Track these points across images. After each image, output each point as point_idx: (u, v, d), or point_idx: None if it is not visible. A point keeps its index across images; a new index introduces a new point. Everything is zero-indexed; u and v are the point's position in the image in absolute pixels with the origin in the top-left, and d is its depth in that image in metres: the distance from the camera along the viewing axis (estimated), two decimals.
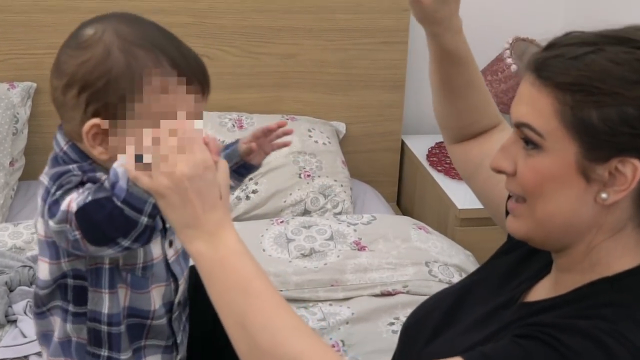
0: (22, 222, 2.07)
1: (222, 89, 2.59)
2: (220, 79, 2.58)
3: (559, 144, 0.94)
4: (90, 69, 1.01)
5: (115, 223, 0.96)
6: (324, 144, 2.53)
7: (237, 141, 1.33)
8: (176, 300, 1.19)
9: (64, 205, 0.98)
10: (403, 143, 2.83)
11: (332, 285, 1.93)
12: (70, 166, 1.06)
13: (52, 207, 1.00)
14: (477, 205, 2.36)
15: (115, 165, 0.97)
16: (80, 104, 1.02)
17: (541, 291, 1.08)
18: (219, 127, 2.49)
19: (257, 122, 2.53)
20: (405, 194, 2.88)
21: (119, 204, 0.95)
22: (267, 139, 1.31)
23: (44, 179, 1.05)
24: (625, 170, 0.92)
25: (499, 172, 1.03)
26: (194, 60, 1.07)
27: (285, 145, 1.33)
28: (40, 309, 1.15)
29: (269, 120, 2.52)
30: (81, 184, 1.02)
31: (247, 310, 0.92)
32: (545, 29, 2.80)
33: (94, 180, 1.02)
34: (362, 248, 2.07)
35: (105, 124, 1.02)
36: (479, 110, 1.33)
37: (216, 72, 2.65)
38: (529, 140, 0.97)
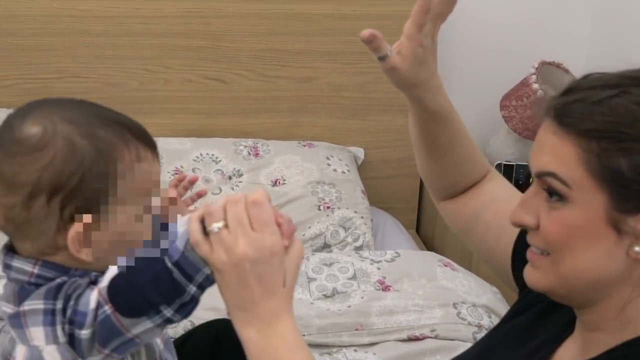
0: None
1: (237, 114, 2.51)
2: (236, 104, 2.51)
3: (586, 194, 0.88)
4: (59, 169, 0.90)
5: (161, 286, 0.86)
6: (343, 172, 2.45)
7: None
8: None
9: (92, 304, 0.88)
10: None
11: (356, 329, 1.85)
12: (58, 279, 0.93)
13: (75, 318, 0.89)
14: None
15: (178, 223, 0.89)
16: (54, 211, 0.91)
17: (567, 354, 0.99)
18: (234, 154, 2.41)
19: (274, 149, 2.45)
20: (426, 222, 2.80)
21: (169, 264, 0.86)
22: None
23: (34, 304, 0.91)
24: None
25: (521, 227, 0.96)
26: (141, 126, 0.99)
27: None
28: None
29: (285, 147, 2.47)
30: (92, 283, 0.92)
31: None
32: (570, 52, 2.76)
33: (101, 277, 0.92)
34: (386, 288, 1.98)
35: (88, 219, 0.92)
36: (466, 164, 1.27)
37: (231, 96, 2.62)
38: (553, 192, 0.90)
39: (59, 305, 0.90)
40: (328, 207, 2.34)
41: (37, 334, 0.91)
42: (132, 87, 2.45)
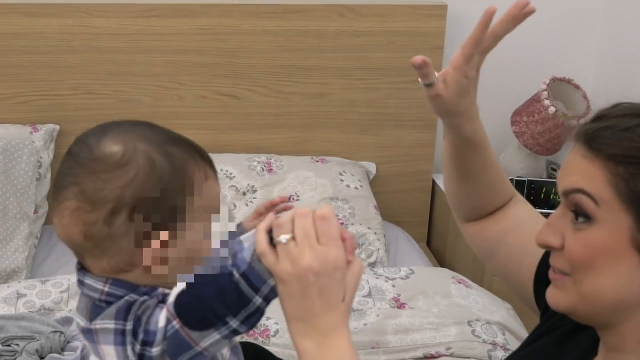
0: (50, 279, 2.00)
1: (251, 129, 2.53)
2: (249, 120, 2.53)
3: (613, 215, 0.90)
4: (141, 185, 0.93)
5: (227, 298, 0.88)
6: (356, 188, 2.47)
7: (240, 224, 1.26)
8: None
9: (162, 322, 0.90)
10: (434, 183, 2.77)
11: (373, 348, 1.86)
12: (127, 297, 0.96)
13: (147, 339, 0.91)
14: None
15: (243, 237, 0.91)
16: (134, 227, 0.93)
17: None
18: (248, 170, 2.42)
19: (287, 164, 2.46)
20: (437, 236, 2.81)
21: (236, 276, 0.88)
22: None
23: (105, 324, 0.95)
24: None
25: (546, 247, 0.98)
26: (200, 146, 1.03)
27: None
28: None
29: (298, 163, 2.48)
30: (161, 302, 0.94)
31: None
32: (581, 69, 2.77)
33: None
34: (401, 306, 2.00)
35: (165, 236, 0.94)
36: (494, 190, 1.29)
37: (245, 112, 2.64)
38: (581, 212, 0.92)
39: (129, 326, 0.92)
40: (342, 224, 2.35)
41: (109, 351, 0.94)
42: (147, 104, 2.46)
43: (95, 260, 0.98)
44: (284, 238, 0.87)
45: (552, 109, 2.43)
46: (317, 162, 2.52)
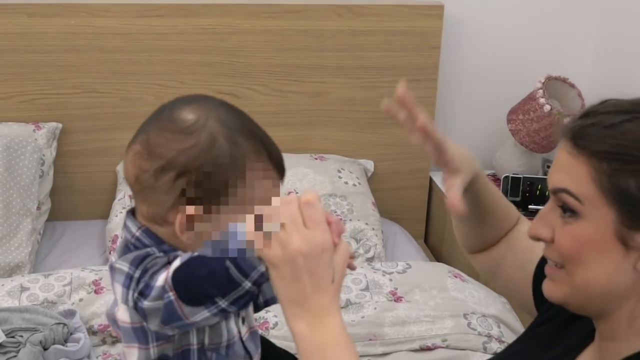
0: (53, 273, 2.03)
1: None
2: None
3: (597, 210, 0.93)
4: (195, 156, 0.99)
5: (217, 281, 0.93)
6: (354, 185, 2.50)
7: None
8: None
9: (160, 282, 0.96)
10: (431, 180, 2.80)
11: (370, 340, 1.90)
12: (149, 249, 1.03)
13: (145, 291, 0.98)
14: None
15: (232, 225, 0.95)
16: (176, 189, 1.00)
17: None
18: None
19: (286, 162, 2.47)
20: (434, 232, 2.85)
21: (226, 262, 0.93)
22: None
23: (122, 265, 1.02)
24: None
25: (537, 239, 1.01)
26: (278, 150, 1.08)
27: None
28: None
29: (297, 160, 2.51)
30: (169, 263, 0.99)
31: None
32: (575, 67, 2.81)
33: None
34: (398, 299, 2.03)
35: (199, 210, 1.00)
36: (502, 223, 1.31)
37: (244, 110, 2.64)
38: (567, 207, 0.96)
39: (137, 274, 0.99)
40: (340, 219, 2.37)
41: (118, 290, 1.03)
42: (148, 102, 2.49)
43: (139, 203, 1.06)
44: (271, 225, 0.91)
45: (547, 107, 2.46)
46: (316, 159, 2.55)
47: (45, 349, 1.74)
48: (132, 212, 1.09)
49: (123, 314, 1.04)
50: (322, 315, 0.91)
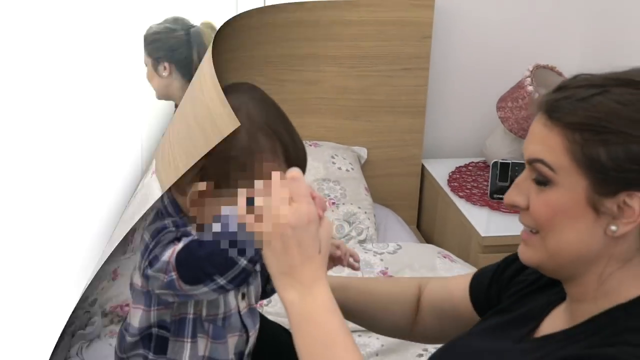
0: None
1: None
2: None
3: (570, 178, 0.99)
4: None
5: (215, 261, 1.01)
6: (347, 170, 2.57)
7: None
8: (246, 351, 1.25)
9: (165, 257, 1.04)
10: (423, 167, 2.87)
11: None
12: (166, 221, 1.12)
13: (153, 261, 1.06)
14: (500, 232, 2.41)
15: (226, 208, 1.01)
16: (199, 164, 1.06)
17: (555, 322, 1.11)
18: None
19: None
20: (426, 218, 2.92)
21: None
22: None
23: (146, 234, 1.11)
24: (633, 204, 0.96)
25: (513, 206, 1.07)
26: (302, 150, 1.12)
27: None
28: (123, 355, 1.21)
29: None
30: (177, 239, 1.07)
31: None
32: (564, 56, 2.86)
33: (187, 236, 1.08)
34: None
35: (210, 186, 1.07)
36: (402, 311, 1.39)
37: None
38: (541, 176, 1.01)
39: (151, 245, 1.09)
40: (333, 203, 2.45)
41: (138, 257, 1.13)
42: None
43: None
44: (261, 201, 0.96)
45: (535, 95, 2.53)
46: (310, 145, 2.62)
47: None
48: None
49: (137, 278, 1.15)
50: (310, 285, 0.97)
